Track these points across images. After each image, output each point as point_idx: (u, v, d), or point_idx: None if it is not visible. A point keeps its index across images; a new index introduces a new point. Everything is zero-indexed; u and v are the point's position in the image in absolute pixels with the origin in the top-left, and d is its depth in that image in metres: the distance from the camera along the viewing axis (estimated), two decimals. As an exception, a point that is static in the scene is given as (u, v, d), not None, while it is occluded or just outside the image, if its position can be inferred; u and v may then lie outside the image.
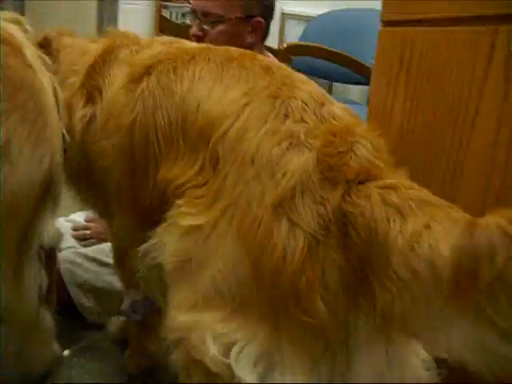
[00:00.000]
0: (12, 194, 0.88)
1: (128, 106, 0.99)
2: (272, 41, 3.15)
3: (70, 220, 1.81)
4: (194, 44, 1.10)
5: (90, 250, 1.66)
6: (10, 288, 0.99)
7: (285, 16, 3.29)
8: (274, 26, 3.26)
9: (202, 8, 1.67)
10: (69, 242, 1.77)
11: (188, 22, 3.18)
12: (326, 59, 2.58)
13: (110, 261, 1.62)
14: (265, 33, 1.77)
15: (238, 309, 0.75)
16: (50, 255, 1.16)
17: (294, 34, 3.28)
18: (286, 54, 2.09)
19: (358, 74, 2.63)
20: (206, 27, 1.68)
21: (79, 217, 1.86)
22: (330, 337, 0.72)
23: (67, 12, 4.99)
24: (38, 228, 1.03)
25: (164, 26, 3.20)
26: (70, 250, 1.69)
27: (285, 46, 2.24)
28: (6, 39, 0.93)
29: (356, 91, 3.44)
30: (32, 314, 1.09)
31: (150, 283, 1.04)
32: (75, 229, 1.73)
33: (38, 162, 0.93)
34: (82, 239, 1.72)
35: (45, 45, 1.16)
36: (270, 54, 1.83)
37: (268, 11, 1.75)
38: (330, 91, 3.52)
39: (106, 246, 1.67)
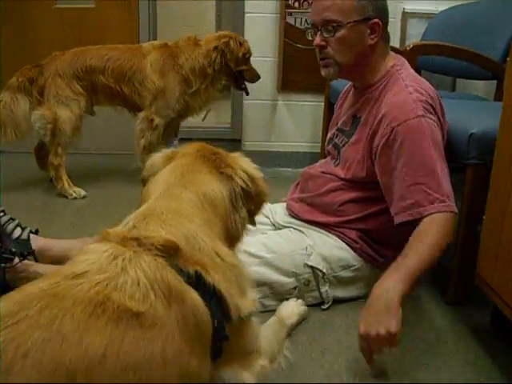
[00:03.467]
0: None
1: None
2: (395, 40, 3.20)
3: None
4: None
5: None
6: None
7: (406, 15, 3.31)
8: (396, 25, 3.32)
9: (321, 18, 1.75)
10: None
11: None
12: (451, 56, 2.58)
13: (258, 252, 1.78)
14: (385, 34, 1.80)
15: None
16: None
17: (416, 33, 3.29)
18: (412, 55, 2.14)
19: (485, 69, 2.61)
20: (326, 35, 1.75)
21: None
22: None
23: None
24: None
25: (288, 32, 3.34)
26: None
27: (411, 46, 2.28)
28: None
29: (480, 86, 3.38)
30: None
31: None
32: None
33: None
34: None
35: None
36: (396, 55, 1.88)
37: (382, 12, 1.78)
38: (453, 87, 3.49)
39: (254, 239, 1.83)
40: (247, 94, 3.17)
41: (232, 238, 1.23)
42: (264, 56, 3.44)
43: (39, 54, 3.52)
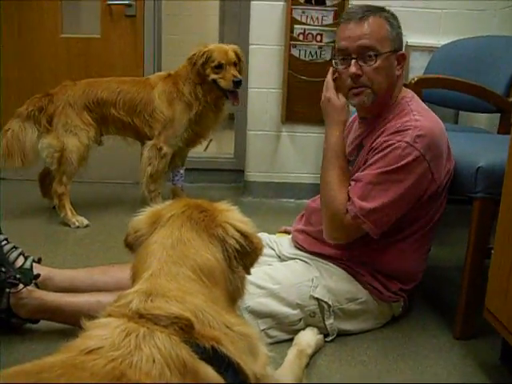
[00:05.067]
0: None
1: None
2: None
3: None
4: None
5: None
6: None
7: (409, 48, 3.34)
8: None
9: (358, 44, 1.72)
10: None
11: (315, 59, 3.38)
12: (456, 90, 2.60)
13: (264, 283, 1.76)
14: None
15: None
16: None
17: (419, 66, 3.32)
18: (417, 88, 2.15)
19: (488, 102, 2.62)
20: (363, 64, 1.73)
21: None
22: None
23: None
24: None
25: (293, 64, 3.37)
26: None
27: (415, 79, 2.29)
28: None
29: (483, 119, 3.41)
30: None
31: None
32: None
33: None
34: None
35: None
36: (406, 89, 1.88)
37: (402, 45, 1.83)
38: (456, 119, 3.51)
39: (260, 271, 1.81)
40: (234, 101, 3.02)
41: (234, 298, 1.22)
42: (268, 87, 3.48)
43: (45, 82, 3.56)
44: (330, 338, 1.80)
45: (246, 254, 1.21)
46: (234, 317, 1.16)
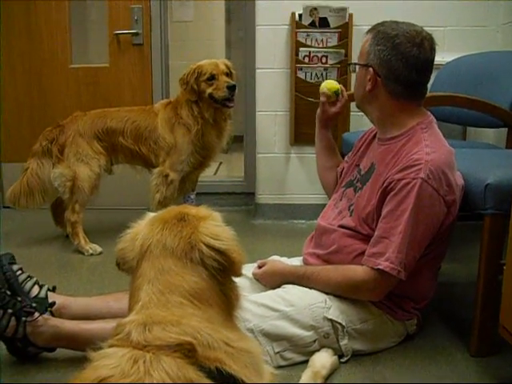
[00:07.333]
0: None
1: None
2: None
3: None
4: None
5: (259, 297, 1.81)
6: None
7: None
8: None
9: None
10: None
11: (321, 80, 3.40)
12: (464, 107, 2.61)
13: (277, 306, 1.77)
14: (394, 89, 1.81)
15: None
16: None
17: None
18: (425, 105, 2.16)
19: (495, 118, 2.63)
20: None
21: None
22: None
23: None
24: None
25: (299, 86, 3.42)
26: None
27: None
28: None
29: (491, 134, 3.40)
30: None
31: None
32: None
33: None
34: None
35: None
36: (426, 113, 1.88)
37: (386, 66, 1.80)
38: (464, 135, 3.51)
39: (273, 293, 1.83)
40: (230, 106, 2.98)
41: (229, 310, 1.24)
42: (276, 110, 3.52)
43: (55, 112, 3.62)
44: (345, 359, 1.80)
45: (225, 269, 1.22)
46: (233, 331, 1.18)
